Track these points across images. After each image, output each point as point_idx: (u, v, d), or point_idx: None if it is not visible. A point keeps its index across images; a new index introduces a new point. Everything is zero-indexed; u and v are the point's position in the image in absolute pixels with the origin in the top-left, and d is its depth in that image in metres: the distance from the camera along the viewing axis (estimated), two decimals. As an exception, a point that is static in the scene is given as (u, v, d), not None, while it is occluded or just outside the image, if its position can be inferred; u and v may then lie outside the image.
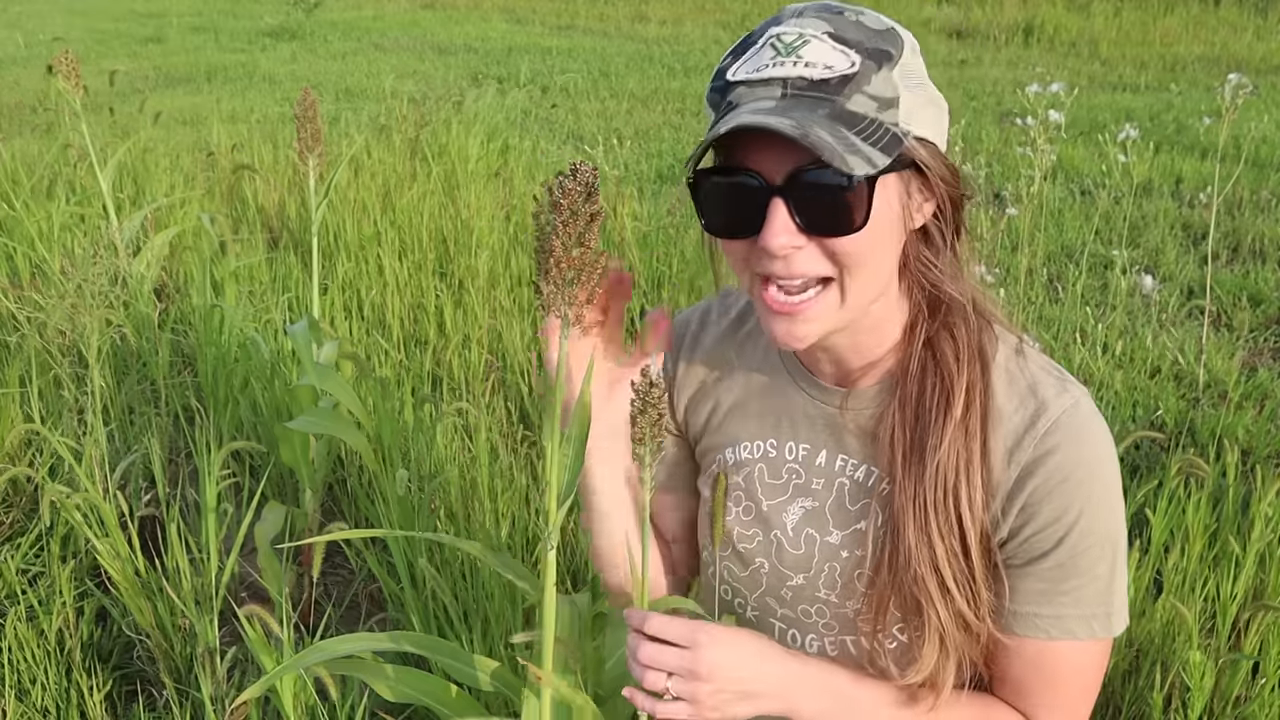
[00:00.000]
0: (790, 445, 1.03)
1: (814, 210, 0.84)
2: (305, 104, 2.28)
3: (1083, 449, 0.91)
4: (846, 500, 1.00)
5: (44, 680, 1.96)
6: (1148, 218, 4.70)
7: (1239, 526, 2.09)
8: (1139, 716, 1.86)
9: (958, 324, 0.94)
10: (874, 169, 0.82)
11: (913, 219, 0.90)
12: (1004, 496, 0.92)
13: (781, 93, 0.83)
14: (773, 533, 1.04)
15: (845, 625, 1.02)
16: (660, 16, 11.88)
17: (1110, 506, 0.93)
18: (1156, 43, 9.48)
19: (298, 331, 2.23)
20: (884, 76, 0.84)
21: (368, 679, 1.31)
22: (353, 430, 2.19)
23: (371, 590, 2.39)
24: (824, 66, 0.83)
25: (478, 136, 5.00)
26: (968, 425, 0.91)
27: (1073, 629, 0.94)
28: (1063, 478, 0.90)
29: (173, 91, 7.92)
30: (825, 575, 1.01)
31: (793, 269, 0.86)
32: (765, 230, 0.85)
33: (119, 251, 3.44)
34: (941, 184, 0.89)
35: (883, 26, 0.87)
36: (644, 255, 3.81)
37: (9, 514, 2.50)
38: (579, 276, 0.84)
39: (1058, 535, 0.91)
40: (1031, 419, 0.91)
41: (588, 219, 0.83)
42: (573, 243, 0.83)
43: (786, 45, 0.84)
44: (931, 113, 0.88)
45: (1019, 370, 0.94)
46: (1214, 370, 3.17)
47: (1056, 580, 0.93)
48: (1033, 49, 9.58)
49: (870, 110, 0.83)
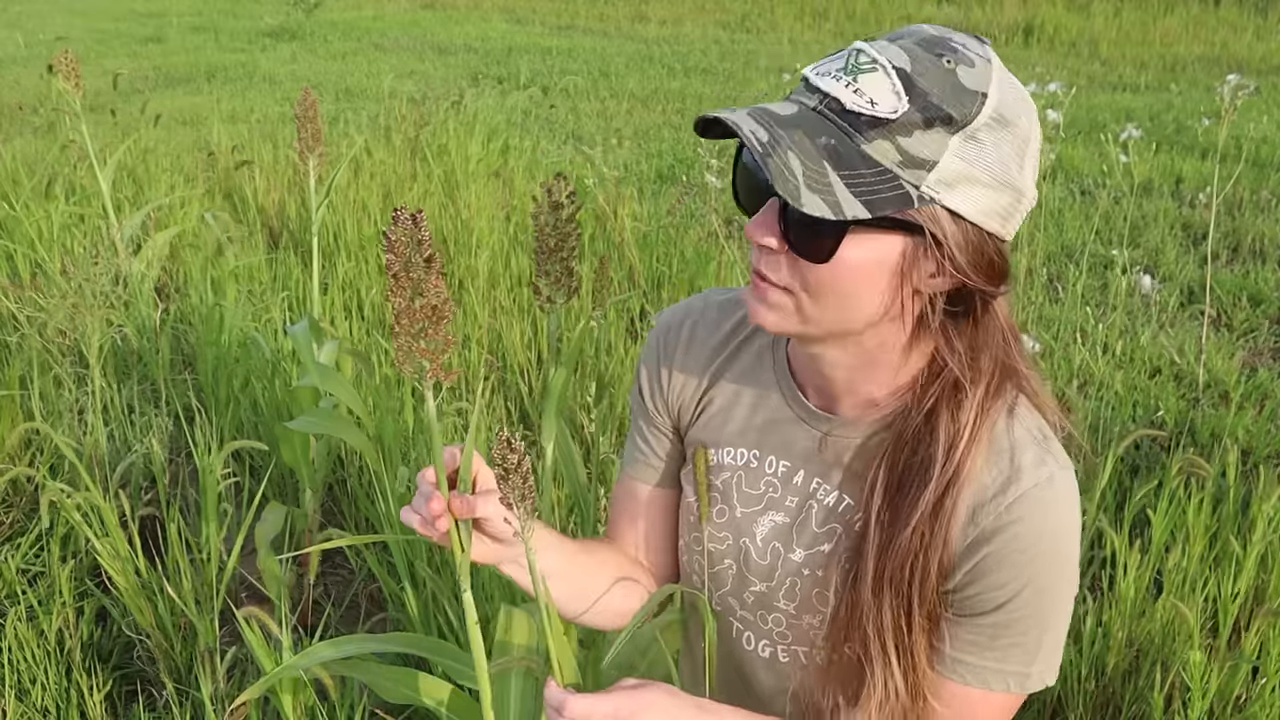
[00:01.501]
0: (771, 459, 1.04)
1: (796, 225, 0.85)
2: (305, 104, 2.28)
3: (1045, 524, 0.90)
4: (814, 522, 1.01)
5: (44, 680, 1.96)
6: (1148, 218, 4.70)
7: (1239, 526, 2.09)
8: (1139, 716, 1.86)
9: (965, 405, 0.91)
10: (832, 215, 0.80)
11: (922, 283, 0.87)
12: (958, 553, 0.92)
13: (815, 105, 0.83)
14: (742, 539, 1.05)
15: (800, 636, 1.04)
16: (660, 16, 11.88)
17: (1062, 579, 0.93)
18: (1156, 43, 9.49)
19: (298, 331, 2.23)
20: (932, 136, 0.81)
21: (367, 680, 1.31)
22: (353, 430, 2.19)
23: (371, 590, 2.39)
24: (868, 100, 0.80)
25: (478, 136, 5.00)
26: (939, 509, 0.90)
27: (989, 681, 0.94)
28: (1019, 549, 0.90)
29: (173, 91, 7.92)
30: (786, 588, 1.03)
31: (761, 266, 0.89)
32: (753, 219, 0.88)
33: (119, 251, 3.44)
34: (959, 262, 0.85)
35: (971, 87, 0.82)
36: (644, 255, 3.81)
37: (9, 514, 2.50)
38: (427, 328, 0.79)
39: (1000, 599, 0.91)
40: (1002, 486, 0.90)
41: (424, 265, 0.78)
42: (410, 294, 0.79)
43: (855, 65, 0.82)
44: (987, 195, 0.84)
45: (1004, 430, 0.92)
46: (1214, 370, 3.17)
47: (989, 636, 0.93)
48: (1033, 49, 9.58)
49: (888, 161, 0.81)
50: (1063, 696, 1.91)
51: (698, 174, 5.00)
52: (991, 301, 0.89)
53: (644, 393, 1.13)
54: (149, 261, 3.52)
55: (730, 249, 3.45)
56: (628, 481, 1.16)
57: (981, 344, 0.91)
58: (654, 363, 1.12)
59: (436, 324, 0.79)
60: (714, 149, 3.75)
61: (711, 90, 7.93)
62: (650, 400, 1.12)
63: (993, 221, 0.85)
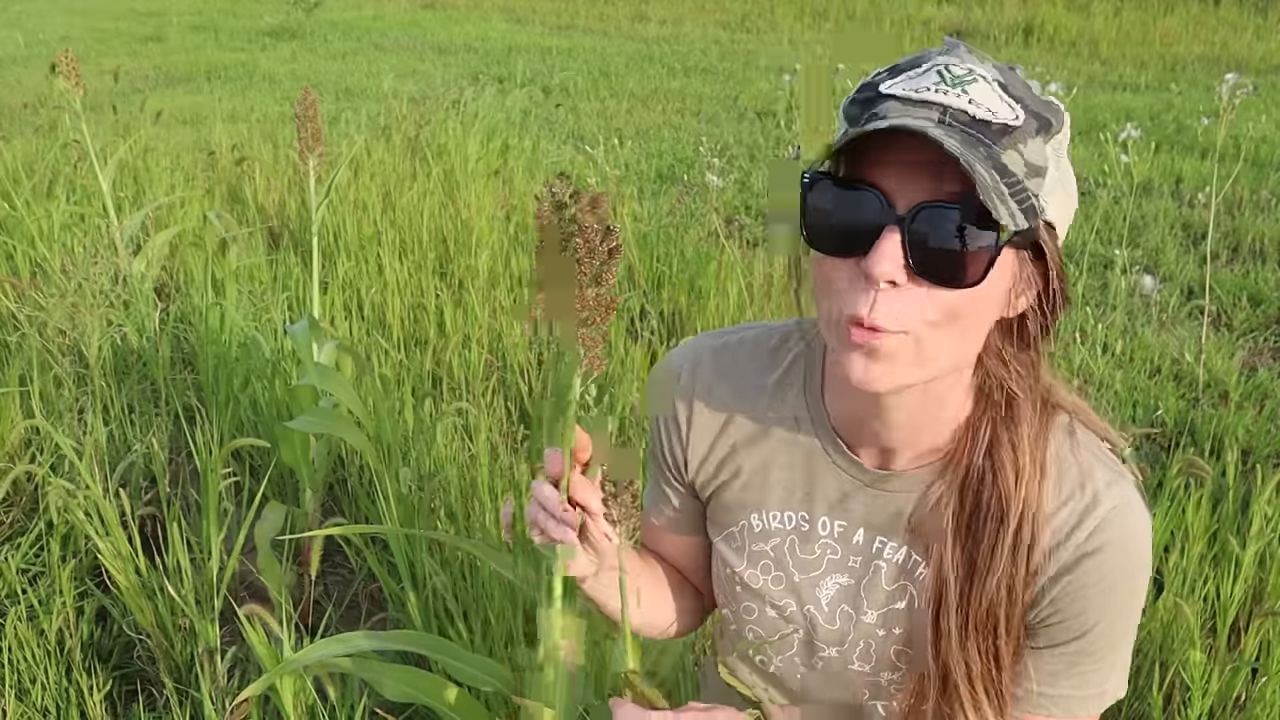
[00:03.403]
0: (824, 521, 0.97)
1: (929, 252, 0.77)
2: (305, 104, 2.28)
3: (1126, 549, 0.88)
4: (884, 581, 0.96)
5: (44, 680, 1.96)
6: (1148, 217, 4.70)
7: (1239, 526, 2.09)
8: (1139, 716, 1.86)
9: (1023, 432, 0.87)
10: (1015, 225, 0.75)
11: (1013, 305, 0.84)
12: (1041, 586, 0.89)
13: (939, 118, 0.76)
14: (806, 606, 1.00)
15: (875, 692, 1.00)
16: (660, 16, 11.88)
17: (1139, 598, 0.91)
18: (1156, 43, 9.48)
19: (298, 331, 2.24)
20: (1039, 144, 0.79)
21: (368, 678, 1.31)
22: (353, 429, 2.19)
23: (371, 590, 2.40)
24: (988, 109, 0.77)
25: (477, 136, 5.00)
26: (1018, 546, 0.87)
27: (1073, 709, 0.94)
28: (1099, 578, 0.88)
29: (173, 91, 7.91)
30: (860, 649, 0.99)
31: (879, 311, 0.78)
32: (872, 254, 0.77)
33: (119, 251, 3.44)
34: (1054, 274, 0.83)
35: (1046, 99, 0.82)
36: (644, 255, 3.81)
37: (9, 514, 2.50)
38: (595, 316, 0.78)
39: (1083, 628, 0.90)
40: (1080, 516, 0.87)
41: (606, 255, 0.77)
42: (588, 281, 0.77)
43: (954, 77, 0.78)
44: (1064, 199, 0.83)
45: (1071, 456, 0.89)
46: (1214, 370, 3.17)
47: (1069, 663, 0.92)
48: (1033, 49, 9.57)
49: (1020, 171, 0.77)
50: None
51: (698, 174, 4.99)
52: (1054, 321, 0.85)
53: (663, 450, 1.05)
54: (149, 261, 3.52)
55: (730, 249, 3.45)
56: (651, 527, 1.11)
57: (1031, 365, 0.88)
58: (671, 425, 1.03)
59: (605, 315, 0.78)
60: (715, 148, 3.75)
61: (711, 90, 7.92)
62: (670, 456, 1.05)
63: (1064, 226, 0.83)
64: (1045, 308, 0.85)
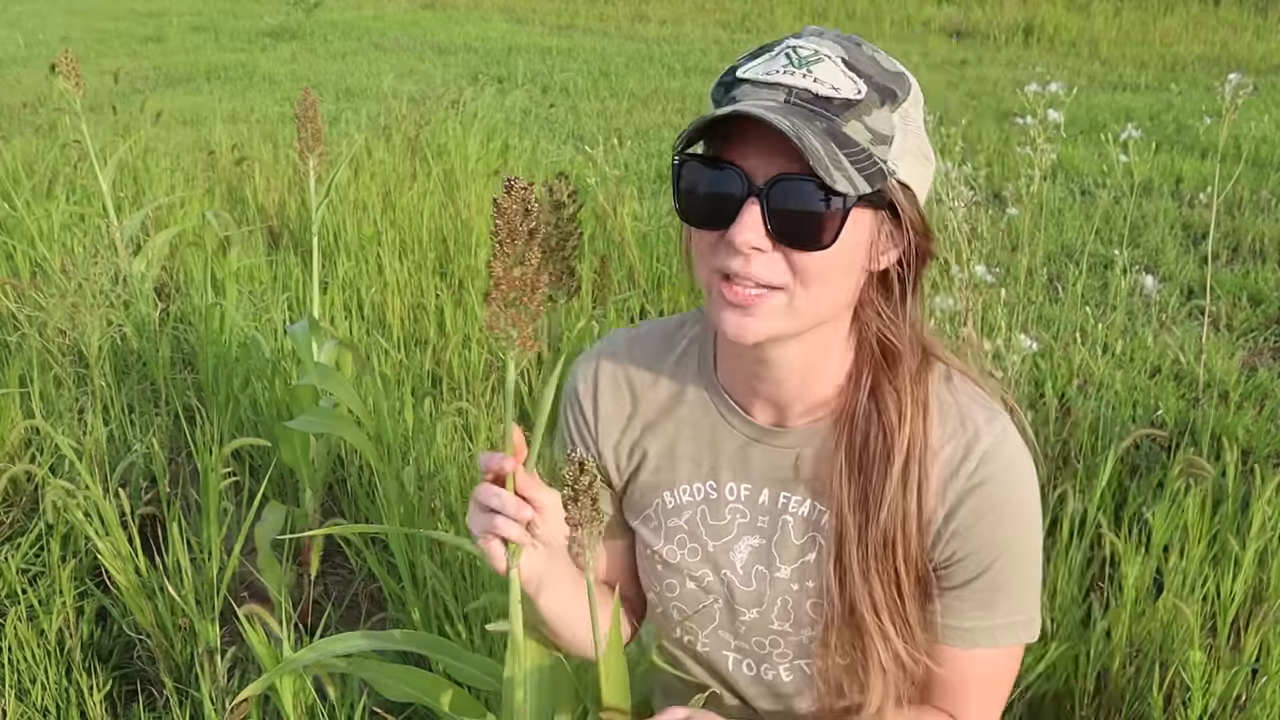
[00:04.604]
0: (730, 486, 1.03)
1: (786, 219, 0.85)
2: (305, 104, 2.28)
3: (1011, 477, 0.95)
4: (792, 535, 1.02)
5: (44, 680, 1.96)
6: (1148, 217, 4.70)
7: (1239, 526, 2.09)
8: (1139, 716, 1.86)
9: (902, 375, 0.95)
10: (855, 191, 0.84)
11: (876, 260, 0.92)
12: (937, 526, 0.95)
13: (785, 98, 0.85)
14: (722, 571, 1.04)
15: (800, 651, 1.04)
16: (660, 16, 11.88)
17: (1033, 526, 0.97)
18: (1156, 43, 9.48)
19: (298, 331, 2.23)
20: (884, 113, 0.87)
21: (367, 678, 1.31)
22: (353, 429, 2.19)
23: (371, 590, 2.39)
24: (831, 86, 0.85)
25: (477, 136, 5.00)
26: (907, 478, 0.94)
27: (998, 638, 0.99)
28: (992, 506, 0.94)
29: (173, 91, 7.91)
30: (778, 608, 1.03)
31: (750, 270, 0.87)
32: (735, 226, 0.86)
33: (119, 251, 3.44)
34: (911, 233, 0.91)
35: (894, 69, 0.89)
36: (643, 255, 3.81)
37: (9, 514, 2.50)
38: (521, 296, 0.82)
39: (989, 559, 0.96)
40: (965, 451, 0.94)
41: (527, 236, 0.81)
42: (512, 262, 0.81)
43: (800, 58, 0.86)
44: (919, 163, 0.90)
45: (950, 398, 0.97)
46: (1214, 370, 3.17)
47: (986, 596, 0.97)
48: (1033, 49, 9.57)
49: (864, 140, 0.85)
50: (1063, 696, 1.91)
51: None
52: (923, 273, 0.94)
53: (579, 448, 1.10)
54: (149, 261, 3.52)
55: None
56: None
57: (907, 317, 0.95)
58: (580, 419, 1.10)
59: (530, 295, 0.81)
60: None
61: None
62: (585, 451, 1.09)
63: (922, 189, 0.91)
64: (909, 262, 0.93)
